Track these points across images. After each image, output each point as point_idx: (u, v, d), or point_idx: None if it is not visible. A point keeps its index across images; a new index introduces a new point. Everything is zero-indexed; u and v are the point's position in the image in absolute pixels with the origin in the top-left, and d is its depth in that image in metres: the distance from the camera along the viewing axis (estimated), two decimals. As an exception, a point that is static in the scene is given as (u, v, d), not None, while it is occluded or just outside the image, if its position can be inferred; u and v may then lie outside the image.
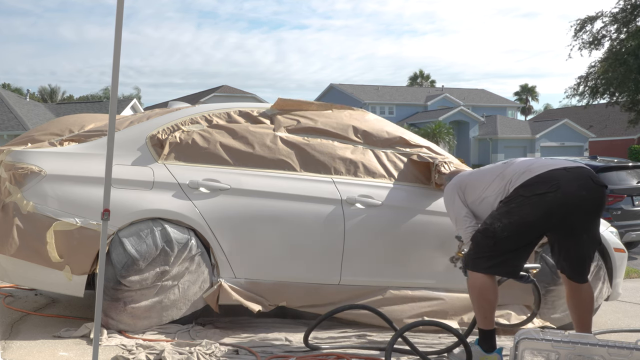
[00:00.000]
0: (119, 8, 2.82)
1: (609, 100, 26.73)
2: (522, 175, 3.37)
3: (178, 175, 3.92)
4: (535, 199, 3.24)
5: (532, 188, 3.27)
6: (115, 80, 2.87)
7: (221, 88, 46.55)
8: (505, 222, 3.29)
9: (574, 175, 3.28)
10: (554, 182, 3.24)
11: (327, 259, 4.11)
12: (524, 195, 3.28)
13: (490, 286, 3.32)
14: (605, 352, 2.91)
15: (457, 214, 3.66)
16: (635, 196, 9.25)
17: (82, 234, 3.65)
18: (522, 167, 3.44)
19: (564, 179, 3.25)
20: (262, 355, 3.41)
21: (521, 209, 3.26)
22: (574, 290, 3.45)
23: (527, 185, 3.30)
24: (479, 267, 3.34)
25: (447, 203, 3.79)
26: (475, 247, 3.41)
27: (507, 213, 3.31)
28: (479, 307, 3.33)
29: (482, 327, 3.34)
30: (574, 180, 3.25)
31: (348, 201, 4.15)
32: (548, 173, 3.29)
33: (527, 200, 3.26)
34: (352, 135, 4.43)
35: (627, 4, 25.06)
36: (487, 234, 3.35)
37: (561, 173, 3.28)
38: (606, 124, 41.66)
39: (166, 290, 3.79)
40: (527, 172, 3.36)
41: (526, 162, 3.50)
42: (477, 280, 3.33)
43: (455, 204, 3.69)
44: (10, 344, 3.47)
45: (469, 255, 3.43)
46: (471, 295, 3.38)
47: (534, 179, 3.30)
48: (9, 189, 3.72)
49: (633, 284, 6.79)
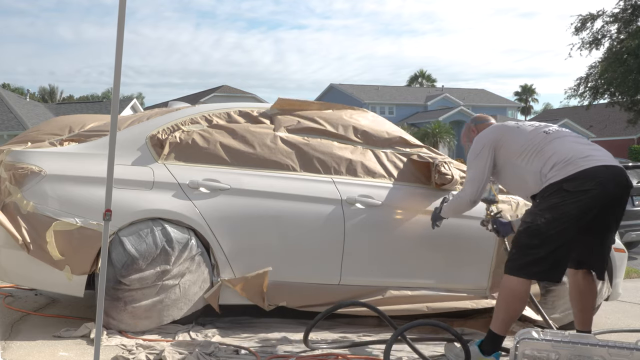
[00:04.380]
0: (121, 9, 2.82)
1: (609, 100, 26.72)
2: (565, 166, 3.23)
3: (178, 175, 3.92)
4: (579, 195, 3.16)
5: (576, 184, 3.17)
6: (117, 80, 2.87)
7: (221, 88, 46.53)
8: (549, 217, 3.18)
9: (613, 173, 3.24)
10: (598, 180, 3.18)
11: (327, 259, 4.11)
12: (567, 190, 3.18)
13: (525, 293, 3.24)
14: (606, 352, 2.91)
15: (477, 175, 3.52)
16: (635, 196, 9.24)
17: (82, 233, 3.64)
18: (564, 153, 3.28)
19: (605, 176, 3.20)
20: (262, 355, 3.41)
21: (565, 204, 3.17)
22: (585, 287, 3.44)
23: (571, 180, 3.19)
24: (524, 271, 3.20)
25: (473, 152, 3.57)
26: (517, 249, 3.27)
27: (550, 208, 3.19)
28: (504, 311, 3.24)
29: (495, 330, 3.27)
30: (612, 179, 3.22)
31: (348, 201, 4.15)
32: (592, 170, 3.20)
33: (571, 196, 3.16)
34: (352, 135, 4.43)
35: (628, 4, 25.06)
36: (531, 232, 3.22)
37: (602, 170, 3.22)
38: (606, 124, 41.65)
39: (167, 290, 3.79)
40: (571, 164, 3.22)
41: (566, 146, 3.33)
42: (513, 284, 3.21)
43: (481, 161, 3.51)
44: (10, 344, 3.47)
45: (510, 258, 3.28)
46: (500, 296, 3.27)
47: (579, 174, 3.19)
48: (9, 189, 3.72)
49: (633, 284, 6.79)
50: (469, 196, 3.63)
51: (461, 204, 3.75)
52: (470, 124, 3.93)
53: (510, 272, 3.26)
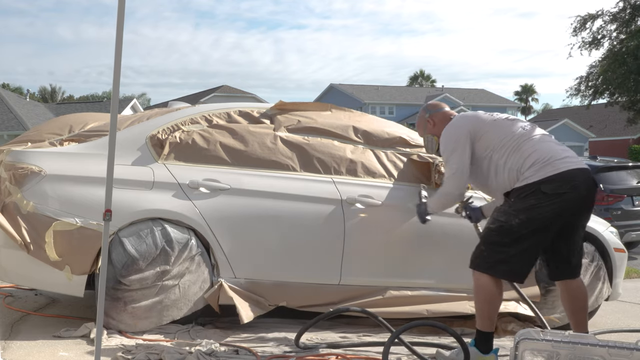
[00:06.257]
0: (121, 9, 2.82)
1: (608, 100, 26.72)
2: (544, 167, 3.22)
3: (178, 175, 3.92)
4: (554, 198, 3.17)
5: (553, 186, 3.18)
6: (116, 80, 2.87)
7: (221, 88, 46.52)
8: (523, 218, 3.19)
9: (585, 176, 3.26)
10: (573, 183, 3.19)
11: (327, 259, 4.11)
12: (545, 192, 3.18)
13: (498, 288, 3.25)
14: (606, 353, 2.91)
15: (460, 168, 3.44)
16: (635, 196, 9.25)
17: (82, 234, 3.64)
18: (543, 153, 3.27)
19: (579, 180, 3.22)
20: (262, 355, 3.41)
21: (541, 206, 3.17)
22: (575, 290, 3.44)
23: (549, 181, 3.19)
24: (493, 270, 3.23)
25: (449, 146, 3.48)
26: (487, 246, 3.29)
27: (525, 210, 3.20)
28: (482, 309, 3.27)
29: (481, 328, 3.28)
30: (584, 182, 3.24)
31: (348, 201, 4.15)
32: (569, 173, 3.21)
33: (547, 198, 3.17)
34: (352, 135, 4.43)
35: (627, 4, 25.05)
36: (503, 231, 3.23)
37: (578, 173, 3.24)
38: (606, 124, 41.62)
39: (167, 290, 3.79)
40: (550, 165, 3.22)
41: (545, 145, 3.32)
42: (485, 281, 3.24)
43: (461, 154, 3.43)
44: (10, 344, 3.47)
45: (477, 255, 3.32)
46: (476, 295, 3.30)
47: (557, 176, 3.19)
48: (9, 189, 3.72)
49: (633, 284, 6.79)
50: (457, 190, 3.59)
51: (449, 199, 3.73)
52: (423, 115, 3.80)
53: (478, 269, 3.27)
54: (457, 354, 3.32)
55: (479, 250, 3.33)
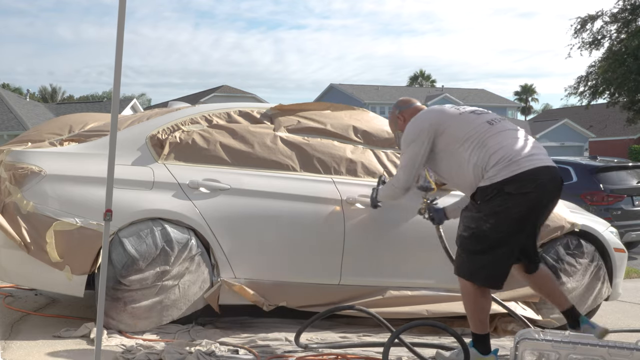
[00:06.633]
0: (121, 9, 2.82)
1: (608, 100, 26.73)
2: (508, 165, 3.13)
3: (178, 175, 3.92)
4: (519, 198, 3.11)
5: (517, 186, 3.10)
6: (117, 80, 2.87)
7: (221, 88, 46.52)
8: (493, 222, 3.14)
9: (551, 173, 3.20)
10: (538, 182, 3.13)
11: (327, 259, 4.11)
12: (509, 192, 3.11)
13: (483, 292, 3.24)
14: (606, 353, 2.92)
15: (411, 161, 3.39)
16: (635, 196, 9.24)
17: (82, 234, 3.64)
18: (508, 150, 3.18)
19: (545, 178, 3.16)
20: (262, 356, 3.41)
21: (507, 207, 3.12)
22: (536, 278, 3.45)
23: (512, 181, 3.10)
24: (474, 277, 3.21)
25: (408, 137, 3.40)
26: (465, 254, 3.26)
27: (493, 213, 3.14)
28: (471, 312, 3.26)
29: (475, 331, 3.27)
30: (551, 180, 3.19)
31: (348, 201, 4.15)
32: (534, 171, 3.13)
33: (512, 199, 3.11)
34: (352, 135, 4.43)
35: (627, 4, 25.06)
36: (476, 238, 3.19)
37: (543, 171, 3.17)
38: (606, 124, 41.63)
39: (166, 290, 3.78)
40: (514, 163, 3.12)
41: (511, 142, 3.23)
42: (469, 287, 3.23)
43: (417, 147, 3.35)
44: (10, 344, 3.47)
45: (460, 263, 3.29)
46: (463, 301, 3.30)
47: (520, 175, 3.11)
48: (9, 189, 3.72)
49: (633, 284, 6.79)
50: (403, 183, 3.53)
51: (394, 191, 3.66)
52: (394, 111, 3.76)
53: (461, 276, 3.27)
54: (457, 354, 3.32)
55: (460, 258, 3.31)
